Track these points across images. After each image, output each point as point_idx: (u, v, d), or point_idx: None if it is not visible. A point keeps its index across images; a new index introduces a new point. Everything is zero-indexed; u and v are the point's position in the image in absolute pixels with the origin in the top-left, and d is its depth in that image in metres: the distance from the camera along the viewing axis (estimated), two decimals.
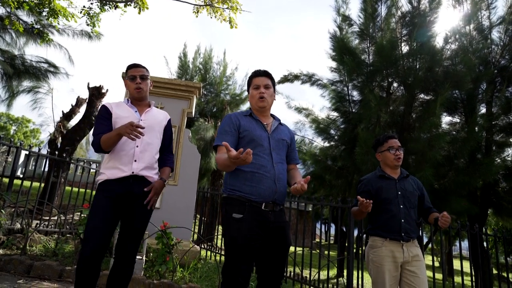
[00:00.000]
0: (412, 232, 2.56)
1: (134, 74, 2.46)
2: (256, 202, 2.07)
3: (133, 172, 2.32)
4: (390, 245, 2.50)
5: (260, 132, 2.22)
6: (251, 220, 2.04)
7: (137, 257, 4.11)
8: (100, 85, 8.90)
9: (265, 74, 2.33)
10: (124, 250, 2.33)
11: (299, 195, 2.21)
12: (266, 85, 2.30)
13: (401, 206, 2.57)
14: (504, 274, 17.28)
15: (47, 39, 8.98)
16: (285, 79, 10.70)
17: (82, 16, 7.82)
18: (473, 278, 5.12)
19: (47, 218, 5.51)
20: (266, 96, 2.27)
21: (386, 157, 2.70)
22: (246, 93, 12.93)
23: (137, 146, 2.36)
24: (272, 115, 2.41)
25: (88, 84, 8.81)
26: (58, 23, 7.93)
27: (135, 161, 2.34)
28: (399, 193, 2.61)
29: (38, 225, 5.20)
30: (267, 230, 2.09)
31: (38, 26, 9.27)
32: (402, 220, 2.54)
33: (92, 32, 9.10)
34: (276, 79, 10.76)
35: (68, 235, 5.45)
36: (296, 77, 10.65)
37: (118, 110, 2.43)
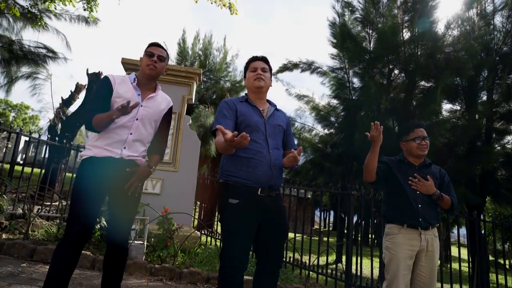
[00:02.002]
0: (431, 218, 2.50)
1: (153, 52, 2.35)
2: (252, 187, 2.09)
3: (121, 158, 2.23)
4: (407, 233, 2.45)
5: (257, 118, 2.22)
6: (248, 205, 2.06)
7: (139, 242, 4.16)
8: (99, 71, 8.86)
9: (263, 59, 2.35)
10: (115, 235, 2.28)
11: (293, 167, 2.16)
12: (263, 68, 2.31)
13: (418, 192, 2.51)
14: (501, 261, 17.54)
15: (39, 23, 8.84)
16: (285, 68, 10.63)
17: (80, 1, 7.68)
18: (470, 264, 5.18)
19: (49, 203, 5.54)
20: (263, 78, 2.27)
21: (410, 147, 2.62)
22: None
23: (131, 134, 2.26)
24: (268, 101, 2.40)
25: (87, 70, 8.77)
26: (55, 8, 7.80)
27: (125, 148, 2.24)
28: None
29: (39, 211, 5.23)
30: (263, 215, 2.10)
31: (35, 11, 9.13)
32: (419, 205, 2.48)
33: (89, 17, 8.96)
34: (277, 66, 10.72)
35: None
36: (295, 66, 10.57)
37: (121, 89, 2.28)
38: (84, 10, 7.75)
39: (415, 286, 2.45)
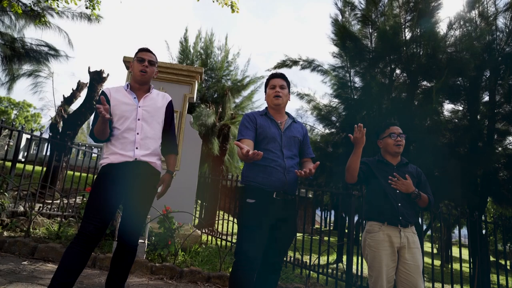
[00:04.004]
0: (410, 217, 2.57)
1: (143, 57, 2.49)
2: (268, 191, 2.29)
3: (136, 159, 2.35)
4: (387, 230, 2.52)
5: (274, 130, 2.43)
6: (263, 206, 2.26)
7: (140, 240, 4.16)
8: (101, 69, 8.85)
9: (281, 76, 2.57)
10: (126, 233, 2.38)
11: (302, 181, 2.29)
12: (282, 85, 2.51)
13: (398, 191, 2.58)
14: (502, 262, 17.51)
15: (42, 21, 8.86)
16: (282, 65, 10.51)
17: None
18: (471, 265, 5.17)
19: (50, 201, 5.55)
20: (282, 95, 2.48)
21: (386, 144, 2.71)
22: (247, 79, 12.88)
23: (137, 134, 2.38)
24: (286, 113, 2.60)
25: (89, 68, 8.77)
26: (58, 6, 7.81)
27: (137, 148, 2.36)
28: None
29: (41, 208, 5.24)
30: (276, 217, 2.28)
31: (37, 8, 9.14)
32: (399, 204, 2.55)
33: (91, 15, 8.97)
34: (275, 63, 10.66)
35: (70, 218, 5.50)
36: (294, 63, 10.44)
37: (117, 96, 2.43)
38: (87, 8, 7.75)
39: (402, 284, 2.48)
